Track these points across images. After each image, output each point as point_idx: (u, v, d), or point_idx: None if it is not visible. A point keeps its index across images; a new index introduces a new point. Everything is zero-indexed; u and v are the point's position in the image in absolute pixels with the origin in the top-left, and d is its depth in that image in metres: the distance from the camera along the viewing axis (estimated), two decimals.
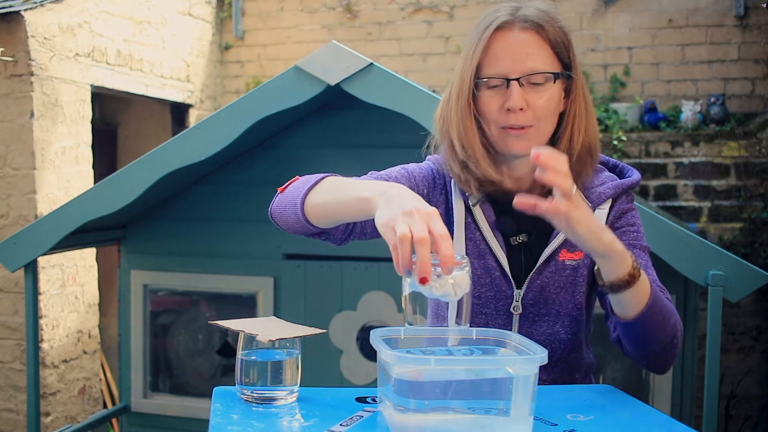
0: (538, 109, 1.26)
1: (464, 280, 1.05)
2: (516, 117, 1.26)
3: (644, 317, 1.20)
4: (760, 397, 4.24)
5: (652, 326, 1.22)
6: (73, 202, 2.76)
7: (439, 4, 5.08)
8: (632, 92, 4.73)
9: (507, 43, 1.26)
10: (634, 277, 1.16)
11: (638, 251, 1.34)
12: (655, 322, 1.22)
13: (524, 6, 1.29)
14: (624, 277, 1.16)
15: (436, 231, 1.00)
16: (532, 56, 1.25)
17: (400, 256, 0.99)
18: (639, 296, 1.19)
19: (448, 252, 0.99)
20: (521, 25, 1.26)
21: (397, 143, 2.73)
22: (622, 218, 1.36)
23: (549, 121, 1.29)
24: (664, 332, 1.24)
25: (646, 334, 1.23)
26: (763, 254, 4.25)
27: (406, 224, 1.00)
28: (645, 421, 1.12)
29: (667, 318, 1.23)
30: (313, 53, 2.54)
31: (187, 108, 5.13)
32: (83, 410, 4.05)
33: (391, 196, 1.07)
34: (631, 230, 1.35)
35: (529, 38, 1.26)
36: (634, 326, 1.22)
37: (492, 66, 1.27)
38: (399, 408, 0.98)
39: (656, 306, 1.21)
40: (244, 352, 1.12)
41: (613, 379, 2.82)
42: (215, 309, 3.35)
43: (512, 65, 1.25)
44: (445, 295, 1.04)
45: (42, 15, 3.69)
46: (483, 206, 1.35)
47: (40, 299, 3.65)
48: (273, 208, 1.34)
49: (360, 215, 1.16)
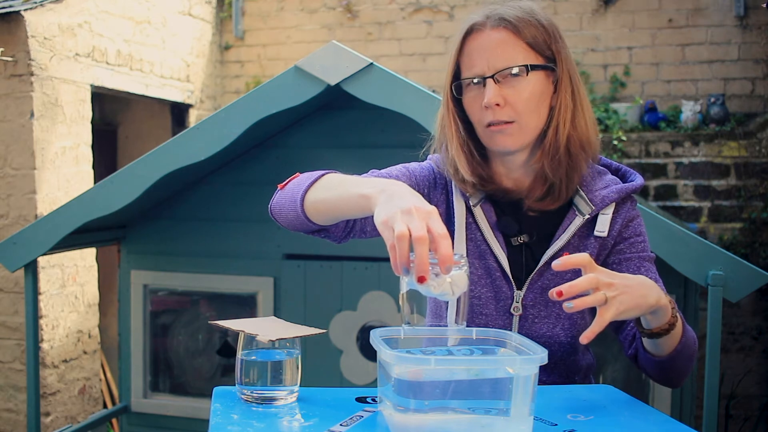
0: (516, 104, 1.27)
1: (462, 279, 1.04)
2: (494, 113, 1.27)
3: (677, 354, 1.24)
4: (760, 397, 4.24)
5: (683, 360, 1.26)
6: (73, 202, 2.76)
7: (439, 4, 5.08)
8: (632, 92, 4.73)
9: (480, 44, 1.29)
10: (674, 324, 1.19)
11: (648, 264, 1.35)
12: (685, 356, 1.26)
13: (503, 6, 1.31)
14: (664, 326, 1.19)
15: (435, 230, 0.99)
16: (504, 53, 1.27)
17: (398, 254, 0.99)
18: (675, 337, 1.22)
19: (447, 251, 0.99)
20: (492, 24, 1.28)
21: (397, 143, 2.72)
22: (629, 227, 1.35)
23: (533, 116, 1.29)
24: (690, 362, 1.28)
25: (675, 367, 1.27)
26: (763, 254, 4.25)
27: (404, 223, 0.99)
28: (645, 421, 1.12)
29: (694, 349, 1.28)
30: (313, 53, 2.53)
31: (187, 108, 5.13)
32: (83, 410, 4.05)
33: (391, 194, 1.07)
34: (638, 240, 1.35)
35: (501, 36, 1.27)
36: (667, 362, 1.26)
37: (469, 67, 1.30)
38: (399, 408, 0.98)
39: (687, 342, 1.24)
40: (244, 352, 1.12)
41: (613, 379, 2.82)
42: (215, 309, 3.35)
43: (486, 64, 1.28)
44: (443, 295, 1.03)
45: (42, 15, 3.69)
46: (484, 206, 1.35)
47: (40, 299, 3.65)
48: (273, 205, 1.34)
49: (359, 212, 1.16)
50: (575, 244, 1.34)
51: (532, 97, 1.28)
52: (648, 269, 1.34)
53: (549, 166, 1.30)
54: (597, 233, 1.32)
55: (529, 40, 1.27)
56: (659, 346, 1.23)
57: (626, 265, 1.34)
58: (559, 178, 1.31)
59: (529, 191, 1.35)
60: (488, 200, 1.36)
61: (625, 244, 1.35)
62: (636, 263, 1.34)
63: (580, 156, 1.31)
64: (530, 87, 1.27)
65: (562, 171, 1.30)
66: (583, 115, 1.32)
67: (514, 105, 1.27)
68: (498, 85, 1.27)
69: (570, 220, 1.33)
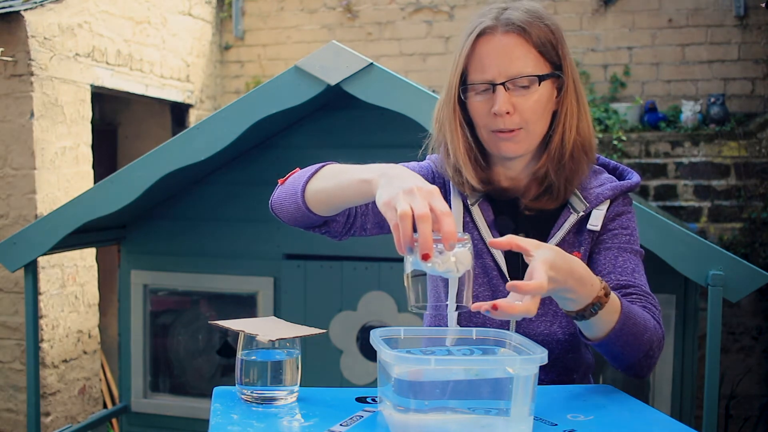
0: (525, 111, 1.27)
1: (466, 256, 1.04)
2: (503, 121, 1.27)
3: (613, 337, 1.18)
4: (760, 397, 4.24)
5: (624, 344, 1.20)
6: (73, 202, 2.76)
7: (439, 4, 5.08)
8: (632, 92, 4.73)
9: (491, 48, 1.27)
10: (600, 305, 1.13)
11: (629, 255, 1.33)
12: (625, 341, 1.20)
13: (511, 7, 1.29)
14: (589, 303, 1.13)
15: (438, 208, 1.00)
16: (516, 60, 1.26)
17: (402, 233, 0.99)
18: (607, 318, 1.16)
19: (450, 228, 0.99)
20: (504, 29, 1.27)
21: (397, 143, 2.72)
22: (615, 220, 1.36)
23: (539, 123, 1.29)
24: (637, 348, 1.22)
25: (617, 351, 1.22)
26: (763, 254, 4.25)
27: (407, 202, 1.00)
28: (645, 421, 1.12)
29: (639, 335, 1.21)
30: (313, 53, 2.53)
31: (187, 108, 5.13)
32: (83, 410, 4.05)
33: (391, 177, 1.07)
34: (623, 233, 1.35)
35: (513, 41, 1.26)
36: (605, 345, 1.21)
37: (478, 72, 1.28)
38: (399, 408, 0.98)
39: (627, 326, 1.18)
40: (244, 352, 1.12)
41: (613, 379, 2.82)
42: (215, 309, 3.35)
43: (497, 70, 1.26)
44: (448, 272, 1.03)
45: (42, 15, 3.69)
46: (481, 206, 1.36)
47: (40, 299, 3.65)
48: (274, 200, 1.34)
49: (361, 198, 1.16)
50: (570, 241, 1.35)
51: (539, 105, 1.28)
52: (626, 259, 1.32)
53: (553, 170, 1.31)
54: (590, 227, 1.33)
55: (538, 45, 1.27)
56: (591, 327, 1.17)
57: (604, 255, 1.33)
58: (562, 181, 1.32)
59: (525, 190, 1.36)
60: (486, 199, 1.37)
61: (607, 235, 1.34)
62: (614, 253, 1.32)
63: (583, 159, 1.32)
64: (538, 95, 1.27)
65: (565, 174, 1.31)
66: (585, 119, 1.33)
67: (523, 113, 1.27)
68: (508, 92, 1.26)
69: (565, 218, 1.34)
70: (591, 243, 1.35)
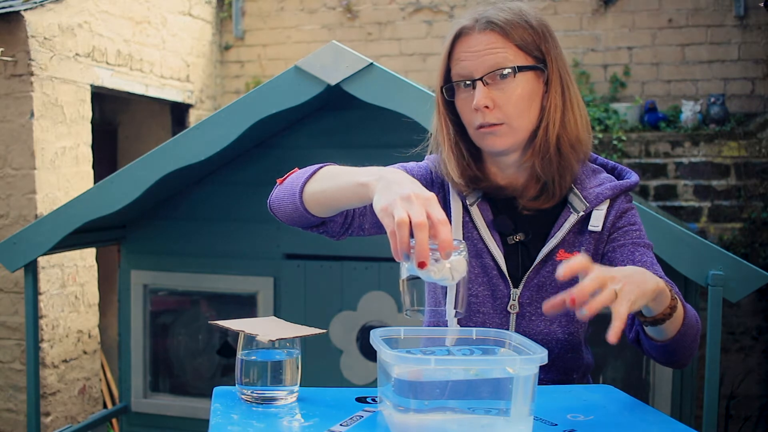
0: (505, 106, 1.28)
1: (461, 264, 1.05)
2: (484, 115, 1.28)
3: (681, 336, 1.22)
4: (760, 397, 4.24)
5: (688, 340, 1.25)
6: (73, 202, 2.76)
7: (439, 4, 5.08)
8: (632, 92, 4.73)
9: (468, 47, 1.30)
10: (675, 307, 1.17)
11: (643, 249, 1.34)
12: (689, 336, 1.24)
13: (492, 8, 1.31)
14: (666, 310, 1.17)
15: (435, 216, 1.00)
16: (493, 55, 1.27)
17: (399, 241, 0.99)
18: (677, 320, 1.20)
19: (447, 237, 1.00)
20: (480, 27, 1.29)
21: (397, 143, 2.72)
22: (623, 218, 1.36)
23: (522, 118, 1.30)
24: (695, 341, 1.27)
25: (679, 349, 1.25)
26: (763, 254, 4.25)
27: (404, 209, 1.00)
28: (645, 421, 1.12)
29: (697, 328, 1.26)
30: (313, 53, 2.54)
31: (187, 108, 5.13)
32: (83, 410, 4.05)
33: (389, 181, 1.07)
34: (633, 229, 1.36)
35: (489, 38, 1.28)
36: (671, 346, 1.24)
37: (458, 70, 1.31)
38: (399, 408, 0.98)
39: (690, 322, 1.23)
40: (244, 352, 1.12)
41: (613, 379, 2.82)
42: (215, 309, 3.35)
43: (474, 66, 1.28)
44: (443, 280, 1.04)
45: (42, 15, 3.69)
46: (480, 206, 1.37)
47: (40, 299, 3.65)
48: (272, 200, 1.34)
49: (358, 201, 1.17)
50: (570, 241, 1.35)
51: (521, 99, 1.28)
52: (643, 254, 1.33)
53: (540, 165, 1.31)
54: (591, 228, 1.33)
55: (517, 41, 1.28)
56: (663, 331, 1.21)
57: (620, 251, 1.34)
58: (552, 177, 1.32)
59: (523, 190, 1.36)
60: (485, 200, 1.37)
61: (618, 233, 1.35)
62: (630, 249, 1.34)
63: (571, 155, 1.32)
64: (519, 88, 1.28)
65: (554, 170, 1.31)
66: (573, 114, 1.32)
67: (503, 107, 1.28)
68: (487, 87, 1.28)
69: (564, 218, 1.34)
70: (595, 244, 1.35)
